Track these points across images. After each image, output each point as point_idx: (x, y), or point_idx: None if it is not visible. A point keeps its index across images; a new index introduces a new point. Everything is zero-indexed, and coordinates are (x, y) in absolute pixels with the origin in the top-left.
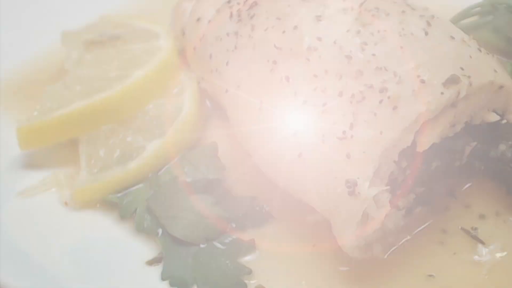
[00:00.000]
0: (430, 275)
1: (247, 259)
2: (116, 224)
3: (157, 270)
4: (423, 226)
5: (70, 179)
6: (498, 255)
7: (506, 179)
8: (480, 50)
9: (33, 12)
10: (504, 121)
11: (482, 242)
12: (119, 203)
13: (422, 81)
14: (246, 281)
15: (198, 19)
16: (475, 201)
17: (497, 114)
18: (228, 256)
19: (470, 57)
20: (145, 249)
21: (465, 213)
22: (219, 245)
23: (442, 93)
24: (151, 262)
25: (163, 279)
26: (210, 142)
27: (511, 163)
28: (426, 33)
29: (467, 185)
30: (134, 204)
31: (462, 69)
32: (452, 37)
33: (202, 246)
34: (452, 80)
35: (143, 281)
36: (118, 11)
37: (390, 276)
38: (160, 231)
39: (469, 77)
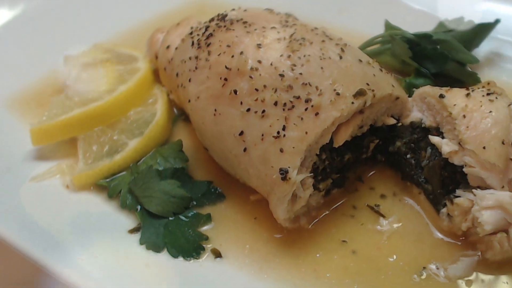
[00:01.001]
0: (344, 241)
1: (204, 229)
2: (106, 202)
3: (136, 237)
4: (338, 204)
5: (70, 168)
6: (395, 225)
7: (401, 168)
8: (381, 70)
9: (42, 41)
10: (399, 124)
11: (383, 216)
12: (107, 186)
13: (338, 94)
14: (204, 245)
15: (168, 47)
16: (378, 184)
17: (394, 118)
18: (190, 226)
19: (374, 75)
20: (128, 221)
21: (370, 194)
22: (183, 218)
23: (352, 102)
24: (132, 231)
25: (141, 243)
26: (176, 140)
27: (405, 155)
28: (341, 57)
29: (372, 172)
30: (119, 187)
31: (367, 84)
32: (360, 60)
33: (170, 218)
34: (360, 93)
35: (126, 245)
36: (107, 40)
37: (313, 241)
38: (138, 207)
39: (373, 90)
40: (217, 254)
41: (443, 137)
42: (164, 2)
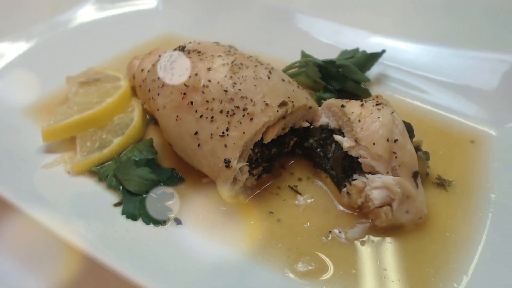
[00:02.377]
0: (271, 212)
1: (169, 203)
2: (97, 184)
3: (119, 209)
4: (267, 185)
5: (71, 158)
6: (308, 201)
7: (313, 158)
8: (298, 87)
9: (50, 66)
10: (312, 126)
11: (300, 194)
12: (98, 172)
13: (267, 104)
14: (169, 215)
15: (142, 70)
16: (296, 170)
17: (308, 122)
18: (159, 201)
19: (293, 91)
20: (113, 198)
21: (290, 177)
22: (153, 195)
23: (277, 111)
24: (116, 205)
25: (122, 214)
26: (149, 138)
27: (316, 149)
28: (269, 77)
29: (292, 162)
30: (106, 172)
31: (288, 97)
32: (283, 80)
33: (144, 196)
34: (283, 104)
35: (111, 215)
36: (98, 64)
37: (249, 212)
38: (121, 187)
39: (292, 102)
40: (178, 222)
41: (344, 136)
42: (139, 36)
